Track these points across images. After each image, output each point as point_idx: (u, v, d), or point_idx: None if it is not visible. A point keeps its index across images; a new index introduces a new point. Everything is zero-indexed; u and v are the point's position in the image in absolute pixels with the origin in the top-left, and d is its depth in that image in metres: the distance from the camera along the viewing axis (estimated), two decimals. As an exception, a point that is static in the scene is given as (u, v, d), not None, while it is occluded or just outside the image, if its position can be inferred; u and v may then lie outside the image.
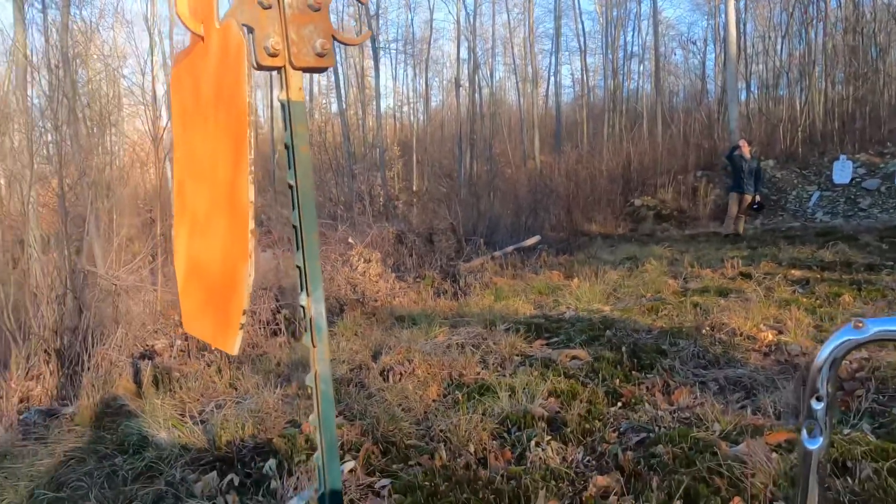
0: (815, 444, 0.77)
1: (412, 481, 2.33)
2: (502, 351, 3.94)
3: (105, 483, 2.54)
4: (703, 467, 2.22)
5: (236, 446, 2.73)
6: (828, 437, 0.77)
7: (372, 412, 3.05)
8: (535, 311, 5.33)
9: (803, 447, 0.78)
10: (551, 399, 3.14)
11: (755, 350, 3.69)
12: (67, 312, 6.66)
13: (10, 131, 9.80)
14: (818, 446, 0.77)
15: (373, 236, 9.63)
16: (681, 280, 6.10)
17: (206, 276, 1.16)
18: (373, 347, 4.38)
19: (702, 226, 13.20)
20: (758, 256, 7.31)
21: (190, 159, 1.21)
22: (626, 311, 4.85)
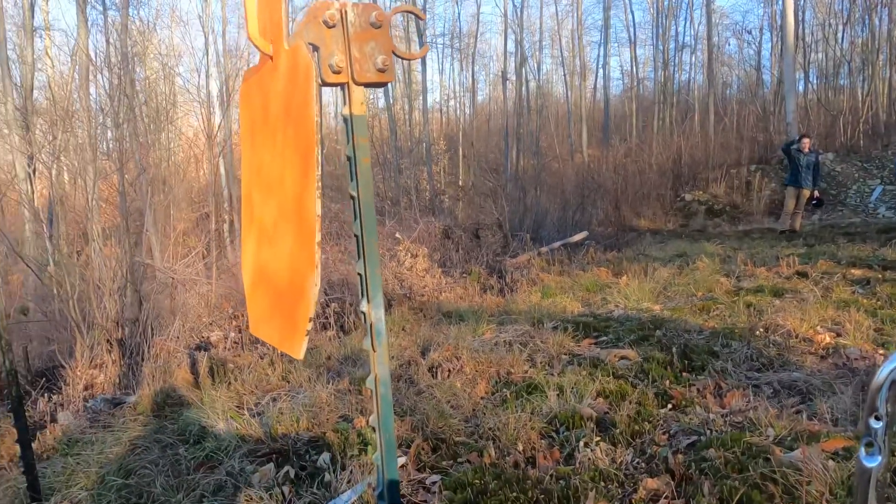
0: (874, 462, 0.78)
1: (462, 478, 2.37)
2: (550, 349, 3.95)
3: (169, 471, 2.67)
4: (756, 473, 2.19)
5: (291, 439, 2.82)
6: (886, 455, 0.77)
7: (421, 408, 3.11)
8: (582, 309, 5.30)
9: (861, 465, 0.79)
10: (600, 399, 3.13)
11: (812, 353, 3.60)
12: (128, 304, 6.95)
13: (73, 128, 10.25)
14: (876, 465, 0.77)
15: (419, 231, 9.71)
16: (733, 279, 5.97)
17: (273, 284, 1.22)
18: (421, 344, 4.44)
19: (756, 222, 12.86)
20: (815, 254, 7.09)
21: (258, 172, 1.27)
22: (676, 310, 4.79)
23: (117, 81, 9.67)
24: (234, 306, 7.47)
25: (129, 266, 7.13)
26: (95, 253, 8.25)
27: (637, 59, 24.78)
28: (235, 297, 7.70)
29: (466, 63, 26.16)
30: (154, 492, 2.47)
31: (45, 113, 11.49)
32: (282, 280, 1.19)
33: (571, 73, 24.55)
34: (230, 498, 2.45)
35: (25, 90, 13.65)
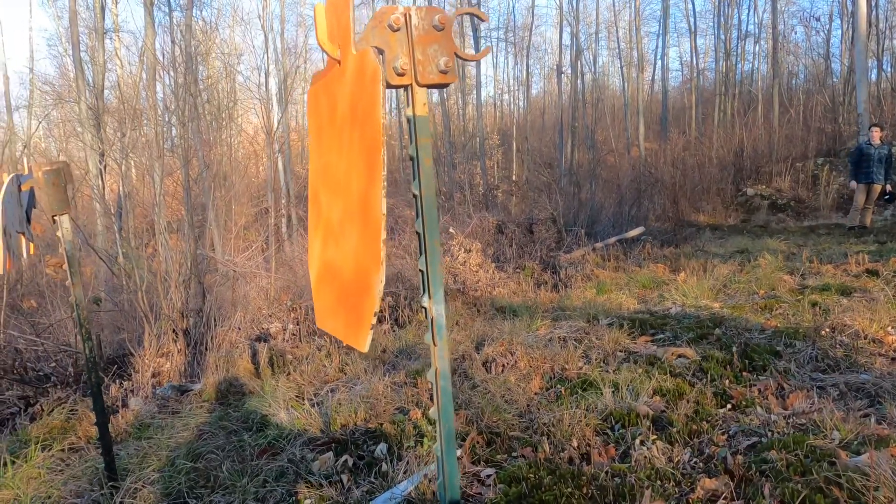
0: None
1: (516, 472, 2.40)
2: (605, 346, 3.92)
3: (234, 456, 2.79)
4: (820, 477, 2.14)
5: (349, 430, 2.90)
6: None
7: (476, 403, 3.14)
8: (638, 306, 5.23)
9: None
10: (656, 397, 3.10)
11: (881, 354, 3.46)
12: (192, 295, 7.24)
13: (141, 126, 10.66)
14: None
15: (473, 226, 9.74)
16: (798, 276, 5.77)
17: (339, 279, 1.28)
18: (475, 338, 4.47)
19: (822, 217, 12.36)
20: (887, 252, 6.77)
21: (325, 172, 1.32)
22: (736, 308, 4.67)
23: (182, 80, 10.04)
24: (293, 299, 7.67)
25: (193, 259, 7.43)
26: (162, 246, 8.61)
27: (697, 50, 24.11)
28: (293, 289, 7.92)
29: (521, 56, 25.98)
30: (220, 475, 2.58)
31: (115, 112, 12.03)
32: (347, 276, 1.23)
33: (628, 64, 24.07)
34: (291, 484, 2.54)
35: (97, 90, 14.31)
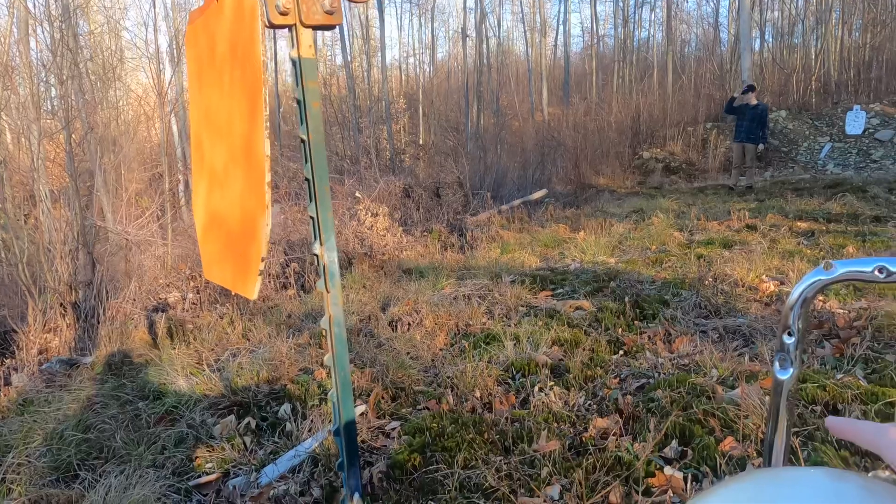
0: (786, 374, 0.84)
1: (420, 423, 2.44)
2: (508, 302, 4.04)
3: (129, 425, 2.68)
4: (699, 409, 2.32)
5: (252, 392, 2.85)
6: (797, 368, 0.84)
7: (381, 360, 3.16)
8: (540, 264, 5.40)
9: (776, 378, 0.86)
10: (555, 347, 3.23)
11: (756, 300, 3.76)
12: (81, 267, 6.80)
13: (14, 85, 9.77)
14: (788, 377, 0.84)
15: (380, 190, 9.67)
16: (686, 232, 6.14)
17: (225, 226, 1.23)
18: (381, 299, 4.48)
19: (711, 178, 13.13)
20: (765, 209, 7.31)
21: (207, 115, 1.26)
22: (630, 262, 4.92)
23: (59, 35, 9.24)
24: (192, 267, 7.37)
25: (80, 228, 6.96)
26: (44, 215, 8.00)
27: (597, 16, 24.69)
28: (192, 258, 7.60)
29: (426, 19, 25.71)
30: (114, 445, 2.48)
31: (-17, 69, 10.92)
32: (234, 223, 1.20)
33: (532, 29, 24.36)
34: (191, 449, 2.47)
35: (-40, 45, 12.93)
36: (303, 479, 2.20)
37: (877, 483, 0.54)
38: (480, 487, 1.96)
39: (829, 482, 0.55)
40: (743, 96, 9.83)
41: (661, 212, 7.49)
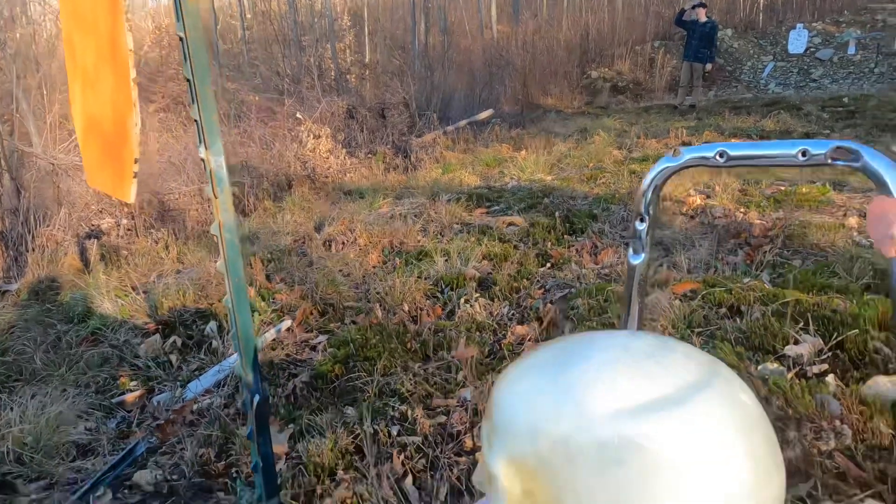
0: (638, 259, 0.88)
1: (346, 336, 2.49)
2: (443, 220, 4.06)
3: (50, 348, 2.64)
4: (613, 314, 2.41)
5: (178, 312, 2.83)
6: (648, 254, 0.87)
7: (312, 278, 3.17)
8: (479, 183, 5.41)
9: (629, 263, 0.89)
10: (485, 262, 3.29)
11: (682, 213, 3.87)
12: (6, 194, 6.51)
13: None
14: (640, 262, 0.88)
15: (322, 111, 9.40)
16: (625, 150, 6.21)
17: (101, 130, 1.18)
18: (317, 220, 4.44)
19: (657, 98, 13.20)
20: (703, 127, 7.43)
21: (74, 11, 1.19)
22: (566, 180, 4.97)
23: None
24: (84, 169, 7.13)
25: (2, 153, 6.61)
26: (-38, 140, 7.54)
27: (548, -71, 23.83)
28: (126, 183, 7.34)
29: (370, -70, 24.35)
30: (34, 367, 2.45)
31: None
32: (108, 125, 1.15)
33: (481, -58, 23.39)
34: (115, 369, 2.47)
35: None
36: (227, 393, 2.24)
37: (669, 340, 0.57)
38: (398, 392, 2.03)
39: (623, 339, 0.58)
40: (692, 11, 9.75)
41: (603, 131, 7.53)
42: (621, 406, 0.49)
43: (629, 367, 0.52)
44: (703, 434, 0.48)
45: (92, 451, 1.98)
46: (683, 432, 0.47)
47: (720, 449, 0.48)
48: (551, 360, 0.57)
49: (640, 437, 0.47)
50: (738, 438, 0.49)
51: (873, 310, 2.20)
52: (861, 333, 2.05)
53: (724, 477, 0.47)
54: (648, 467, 0.46)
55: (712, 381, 0.52)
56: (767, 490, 0.49)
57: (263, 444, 1.36)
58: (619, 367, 0.52)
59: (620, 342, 0.56)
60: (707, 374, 0.53)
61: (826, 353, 1.99)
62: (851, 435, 1.59)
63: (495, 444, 0.54)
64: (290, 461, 1.75)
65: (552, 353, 0.58)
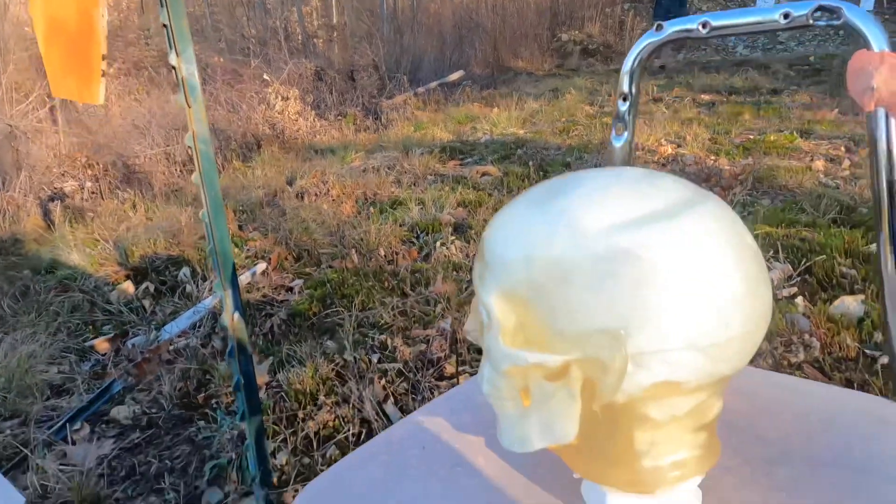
0: (621, 140, 0.88)
1: (323, 278, 2.47)
2: (416, 171, 4.03)
3: (18, 296, 2.58)
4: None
5: (150, 259, 2.79)
6: (631, 133, 0.87)
7: (285, 227, 3.13)
8: (452, 138, 5.38)
9: (611, 144, 0.89)
10: (459, 209, 3.29)
11: (654, 161, 3.90)
12: (-41, 158, 6.29)
13: None
14: (623, 142, 0.88)
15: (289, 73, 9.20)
16: (597, 106, 6.22)
17: (64, 31, 1.14)
18: (288, 175, 4.38)
19: (626, 60, 13.20)
20: (672, 84, 7.47)
21: None
22: (539, 133, 4.97)
23: None
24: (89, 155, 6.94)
25: (-46, 116, 6.37)
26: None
27: None
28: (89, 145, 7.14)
29: None
30: (1, 313, 2.39)
31: None
32: (71, 24, 1.10)
33: None
34: (87, 315, 2.42)
35: None
36: (203, 334, 2.21)
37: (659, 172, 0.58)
38: (377, 325, 2.03)
39: (614, 171, 0.58)
40: None
41: (574, 90, 7.53)
42: (614, 221, 0.49)
43: (622, 190, 0.52)
44: (694, 245, 0.48)
45: (67, 391, 1.95)
46: (676, 243, 0.48)
47: (711, 259, 0.48)
48: (542, 193, 0.57)
49: (634, 248, 0.47)
50: (729, 251, 0.50)
51: (839, 239, 2.26)
52: (828, 260, 2.11)
53: (714, 286, 0.48)
54: (641, 277, 0.47)
55: (704, 199, 0.53)
56: (756, 302, 0.50)
57: (245, 363, 1.35)
58: (611, 190, 0.52)
59: (611, 173, 0.56)
60: (698, 195, 0.53)
61: (795, 279, 2.05)
62: (819, 348, 1.65)
63: (488, 280, 0.54)
64: (271, 390, 1.75)
65: (542, 188, 0.58)
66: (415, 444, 0.72)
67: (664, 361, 0.47)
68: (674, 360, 0.47)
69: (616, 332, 0.47)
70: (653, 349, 0.47)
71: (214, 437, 1.63)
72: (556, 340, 0.50)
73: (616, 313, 0.47)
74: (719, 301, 0.48)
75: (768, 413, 0.70)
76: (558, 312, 0.49)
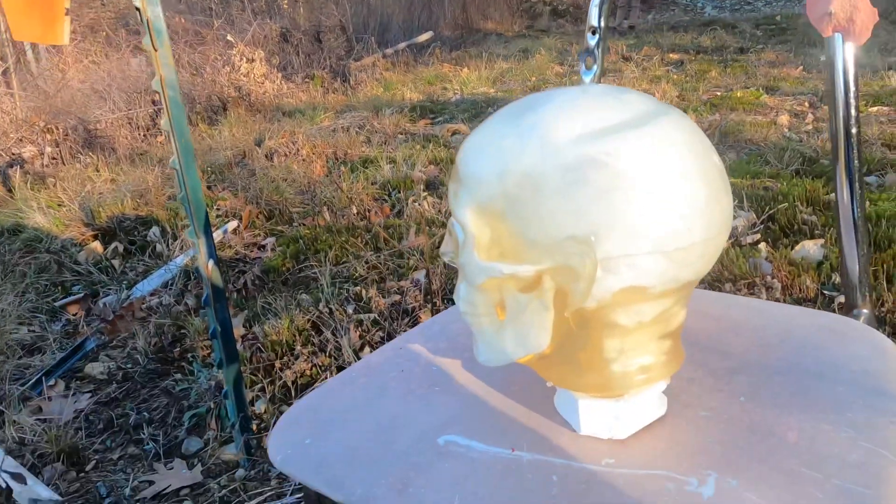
0: (589, 75, 0.90)
1: (295, 234, 2.47)
2: (387, 130, 4.01)
3: (-19, 257, 2.53)
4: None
5: (117, 219, 2.74)
6: (601, 67, 0.89)
7: (256, 187, 3.10)
8: (422, 98, 5.34)
9: (582, 81, 0.91)
10: (431, 166, 3.29)
11: (623, 119, 3.93)
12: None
13: None
14: (592, 76, 0.89)
15: (254, 34, 8.97)
16: (567, 66, 6.21)
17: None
18: (256, 135, 4.32)
19: (595, 21, 13.14)
20: (642, 44, 7.48)
21: None
22: (509, 91, 4.96)
23: None
24: (47, 120, 6.73)
25: None
26: None
27: None
28: (47, 109, 6.91)
29: None
30: (-34, 275, 2.35)
31: None
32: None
33: None
34: (55, 275, 2.39)
35: None
36: (176, 291, 2.20)
37: (626, 88, 0.60)
38: (351, 278, 2.04)
39: (582, 87, 0.60)
40: None
41: (545, 50, 7.49)
42: (582, 132, 0.51)
43: (589, 103, 0.54)
44: (660, 152, 0.50)
45: (39, 349, 1.94)
46: (642, 150, 0.50)
47: (675, 167, 0.50)
48: (514, 110, 0.59)
49: (602, 156, 0.49)
50: (692, 160, 0.52)
51: (801, 188, 2.33)
52: (790, 208, 2.17)
53: (678, 192, 0.50)
54: (609, 184, 0.49)
55: (668, 111, 0.55)
56: (717, 209, 0.53)
57: (220, 310, 1.36)
58: (578, 103, 0.54)
59: (579, 89, 0.57)
60: (662, 107, 0.55)
61: (759, 226, 2.11)
62: (781, 289, 1.71)
63: (463, 197, 0.56)
64: (247, 342, 1.76)
65: (513, 106, 0.60)
66: (393, 368, 0.74)
67: (631, 266, 0.50)
68: (640, 264, 0.50)
69: (586, 239, 0.49)
70: (620, 254, 0.49)
71: (192, 388, 1.64)
72: (529, 251, 0.52)
73: (585, 220, 0.49)
74: (683, 207, 0.50)
75: (731, 331, 0.74)
76: (531, 223, 0.51)
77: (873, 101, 3.63)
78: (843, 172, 0.78)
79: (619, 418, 0.58)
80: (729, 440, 0.56)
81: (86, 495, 1.37)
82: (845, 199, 0.81)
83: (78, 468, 1.45)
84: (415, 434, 0.61)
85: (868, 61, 4.58)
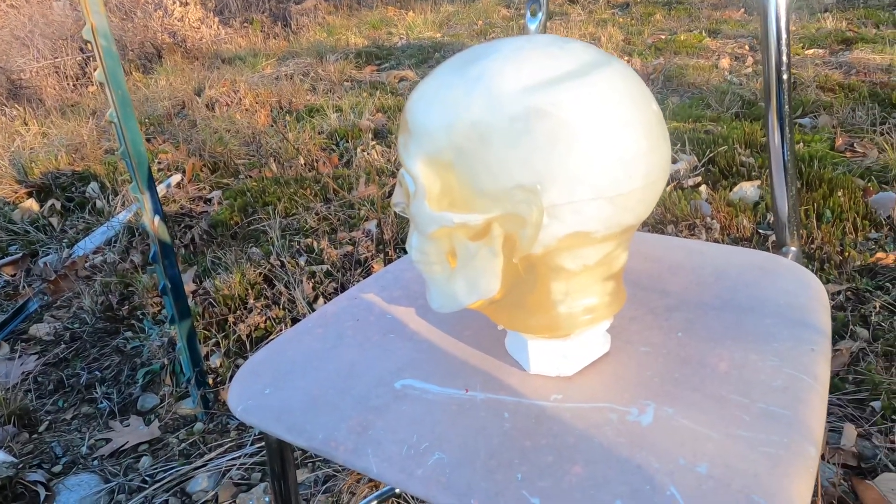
0: (535, 22, 0.90)
1: (242, 187, 2.42)
2: (332, 77, 3.91)
3: None
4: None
5: (52, 175, 2.63)
6: (545, 13, 0.89)
7: (198, 138, 3.01)
8: (367, 43, 5.21)
9: (526, 27, 0.91)
10: (379, 114, 3.24)
11: (570, 63, 3.93)
12: None
13: None
14: (536, 24, 0.90)
15: (186, -26, 8.51)
16: (513, 9, 6.13)
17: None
18: (195, 84, 4.15)
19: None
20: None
21: None
22: (456, 36, 4.89)
23: None
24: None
25: None
26: None
27: None
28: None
29: None
30: None
31: None
32: None
33: None
34: (-11, 236, 2.29)
35: None
36: (121, 248, 2.15)
37: (568, 38, 0.61)
38: (302, 229, 2.03)
39: (527, 37, 0.61)
40: None
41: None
42: (528, 83, 0.52)
43: (534, 53, 0.55)
44: (603, 101, 0.52)
45: (-23, 313, 1.87)
46: (585, 99, 0.51)
47: (617, 116, 0.52)
48: (460, 61, 0.59)
49: (546, 106, 0.51)
50: (634, 108, 0.54)
51: (740, 131, 2.40)
52: (730, 150, 2.25)
53: (620, 139, 0.52)
54: (554, 134, 0.50)
55: (610, 61, 0.56)
56: (657, 155, 0.55)
57: (170, 266, 1.34)
58: (524, 53, 0.55)
59: (524, 39, 0.58)
60: (605, 57, 0.57)
61: (700, 169, 2.17)
62: (719, 229, 1.79)
63: (412, 148, 0.57)
64: (199, 297, 1.74)
65: (459, 57, 0.60)
66: (349, 318, 0.76)
67: (575, 212, 0.52)
68: (584, 210, 0.52)
69: (532, 187, 0.51)
70: (565, 201, 0.51)
71: (143, 345, 1.63)
72: (478, 200, 0.54)
73: (532, 169, 0.51)
74: (625, 154, 0.52)
75: (671, 271, 0.78)
76: (479, 173, 0.53)
77: (809, 43, 3.72)
78: (775, 116, 0.82)
79: (566, 357, 0.61)
80: (666, 372, 0.60)
81: (41, 456, 1.36)
82: (776, 141, 0.85)
83: (30, 429, 1.43)
84: (372, 380, 0.64)
85: (805, 2, 4.68)
